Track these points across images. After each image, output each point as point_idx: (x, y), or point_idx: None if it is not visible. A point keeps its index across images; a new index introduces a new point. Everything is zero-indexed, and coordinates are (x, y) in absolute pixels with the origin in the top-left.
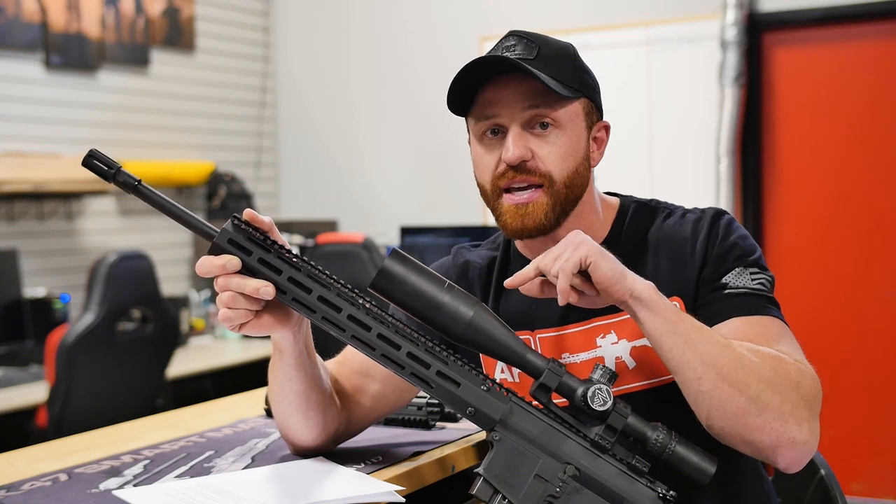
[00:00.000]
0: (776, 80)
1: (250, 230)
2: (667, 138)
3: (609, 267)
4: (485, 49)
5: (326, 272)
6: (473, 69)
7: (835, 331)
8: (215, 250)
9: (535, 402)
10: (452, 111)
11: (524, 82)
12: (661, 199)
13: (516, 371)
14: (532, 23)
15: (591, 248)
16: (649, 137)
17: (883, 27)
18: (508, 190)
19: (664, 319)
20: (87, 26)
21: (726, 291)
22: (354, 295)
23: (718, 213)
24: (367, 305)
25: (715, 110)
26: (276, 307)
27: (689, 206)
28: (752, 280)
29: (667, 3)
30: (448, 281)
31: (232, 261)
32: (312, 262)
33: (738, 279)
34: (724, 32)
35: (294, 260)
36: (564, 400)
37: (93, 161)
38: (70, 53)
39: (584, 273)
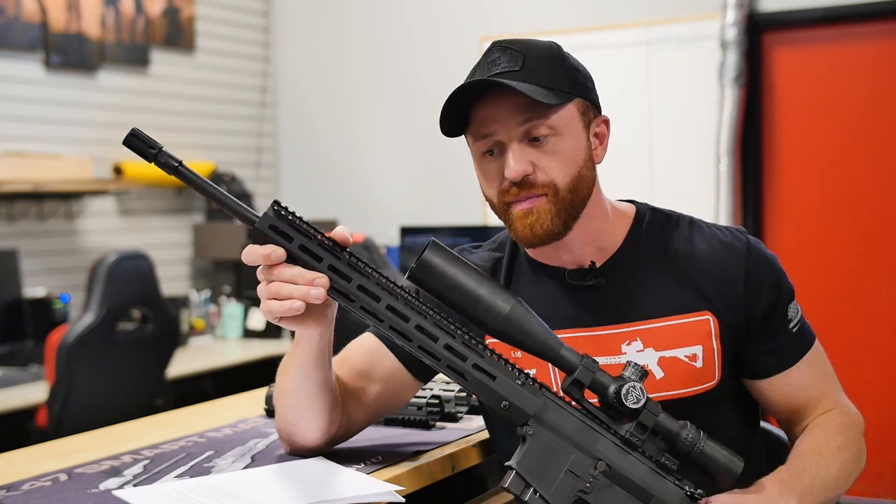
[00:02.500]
0: (776, 80)
1: (291, 216)
2: (667, 138)
3: None
4: (484, 49)
5: (364, 261)
6: (462, 92)
7: (834, 331)
8: (256, 235)
9: (566, 398)
10: (448, 134)
11: (514, 96)
12: (661, 199)
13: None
14: (532, 23)
15: None
16: (649, 137)
17: (883, 27)
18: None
19: None
20: (87, 26)
21: (792, 328)
22: (392, 285)
23: (750, 239)
24: (405, 295)
25: (715, 110)
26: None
27: (689, 208)
28: (797, 311)
29: (667, 3)
30: (486, 274)
31: (276, 251)
32: (350, 251)
33: (793, 312)
34: (724, 32)
35: (335, 248)
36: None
37: (135, 140)
38: (70, 53)
39: None
